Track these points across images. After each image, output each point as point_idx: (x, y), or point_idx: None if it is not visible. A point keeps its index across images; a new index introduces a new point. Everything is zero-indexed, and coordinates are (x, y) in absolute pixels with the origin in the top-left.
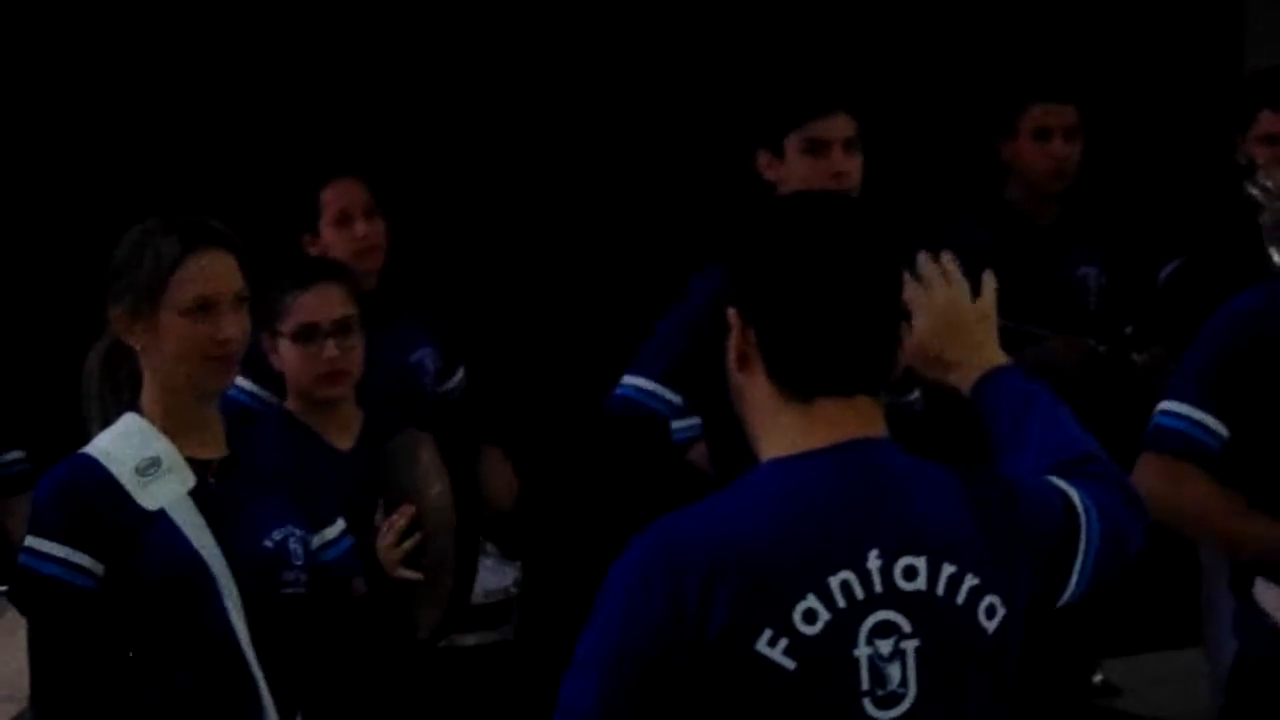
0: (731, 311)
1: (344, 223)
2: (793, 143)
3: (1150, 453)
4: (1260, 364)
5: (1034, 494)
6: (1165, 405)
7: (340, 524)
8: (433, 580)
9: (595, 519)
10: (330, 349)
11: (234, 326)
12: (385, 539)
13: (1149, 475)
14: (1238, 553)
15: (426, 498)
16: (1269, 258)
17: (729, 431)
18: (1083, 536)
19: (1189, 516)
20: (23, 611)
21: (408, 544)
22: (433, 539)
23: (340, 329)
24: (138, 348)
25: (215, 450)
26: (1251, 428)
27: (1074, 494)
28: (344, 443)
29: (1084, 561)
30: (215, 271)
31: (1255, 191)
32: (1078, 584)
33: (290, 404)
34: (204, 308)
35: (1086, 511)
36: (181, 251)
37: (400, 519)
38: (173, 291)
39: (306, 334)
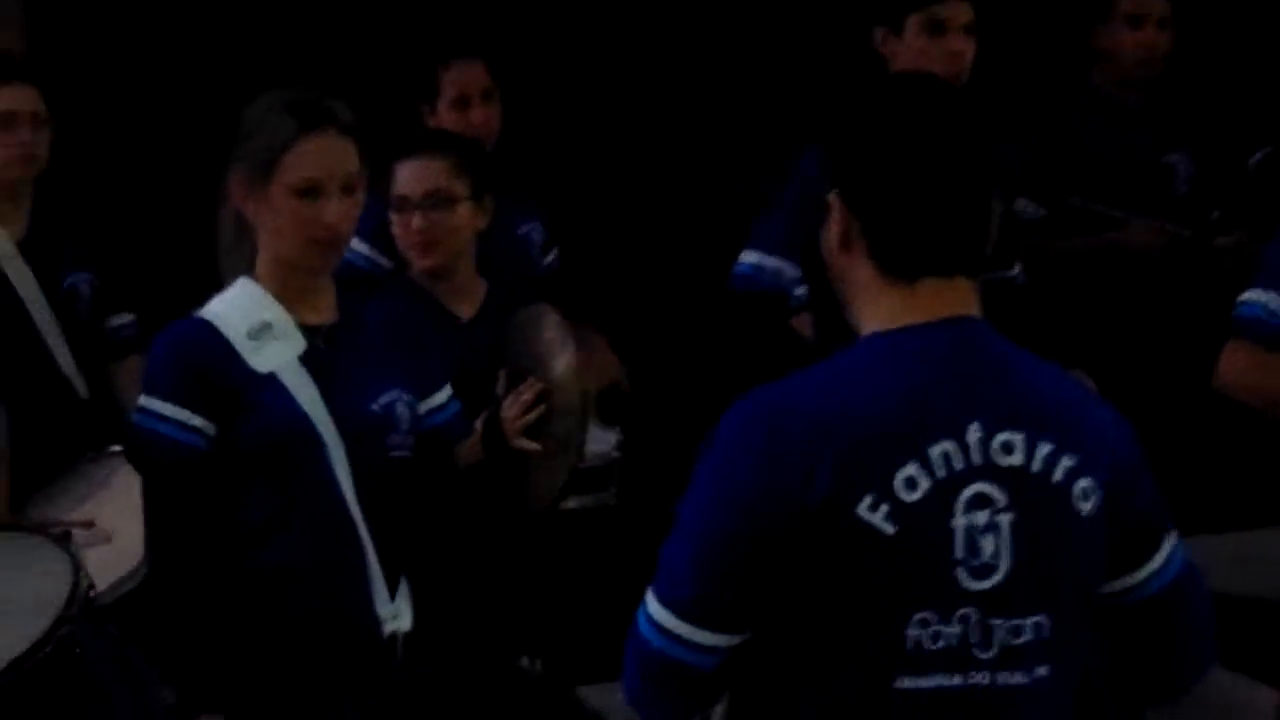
0: (833, 195)
1: (461, 106)
2: (914, 21)
3: (1237, 340)
4: None
5: (1147, 479)
6: (1249, 294)
7: (448, 390)
8: (557, 450)
9: (695, 387)
10: (417, 220)
11: (339, 212)
12: (510, 410)
13: (1236, 362)
14: None
15: (552, 371)
16: None
17: (833, 303)
18: (1162, 551)
19: (1268, 395)
20: (137, 469)
21: (530, 416)
22: (557, 411)
23: (430, 201)
24: (251, 217)
25: (326, 316)
26: None
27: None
28: (466, 311)
29: (1153, 575)
30: (327, 155)
31: None
32: (1133, 588)
33: (413, 272)
34: (312, 190)
35: (1175, 549)
36: (296, 131)
37: (527, 392)
38: (284, 170)
39: (398, 204)
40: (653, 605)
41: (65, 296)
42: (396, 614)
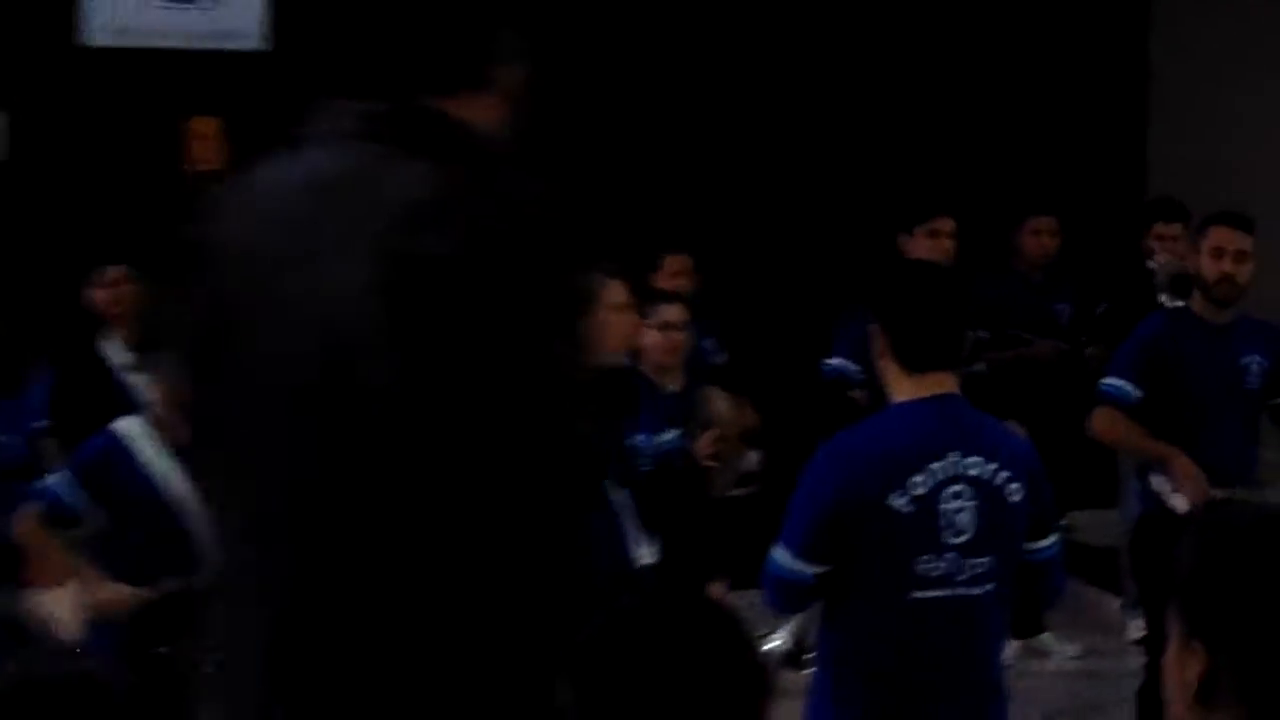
0: (874, 327)
1: (673, 277)
2: (920, 231)
3: (1099, 405)
4: (1157, 357)
5: (1046, 484)
6: (1105, 380)
7: (673, 432)
8: (726, 464)
9: (802, 431)
10: (675, 335)
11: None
12: (701, 445)
13: (1098, 418)
14: (1140, 457)
15: (723, 421)
16: (1160, 301)
17: (877, 385)
18: (1052, 535)
19: (1117, 440)
20: None
21: (712, 449)
22: (726, 443)
23: (681, 325)
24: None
25: None
26: (1152, 391)
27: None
28: (674, 388)
29: (1048, 546)
30: (620, 290)
31: (1152, 265)
32: (1036, 550)
33: (646, 368)
34: (625, 311)
35: (1059, 537)
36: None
37: (712, 434)
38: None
39: (665, 327)
40: (778, 549)
41: None
42: (645, 554)
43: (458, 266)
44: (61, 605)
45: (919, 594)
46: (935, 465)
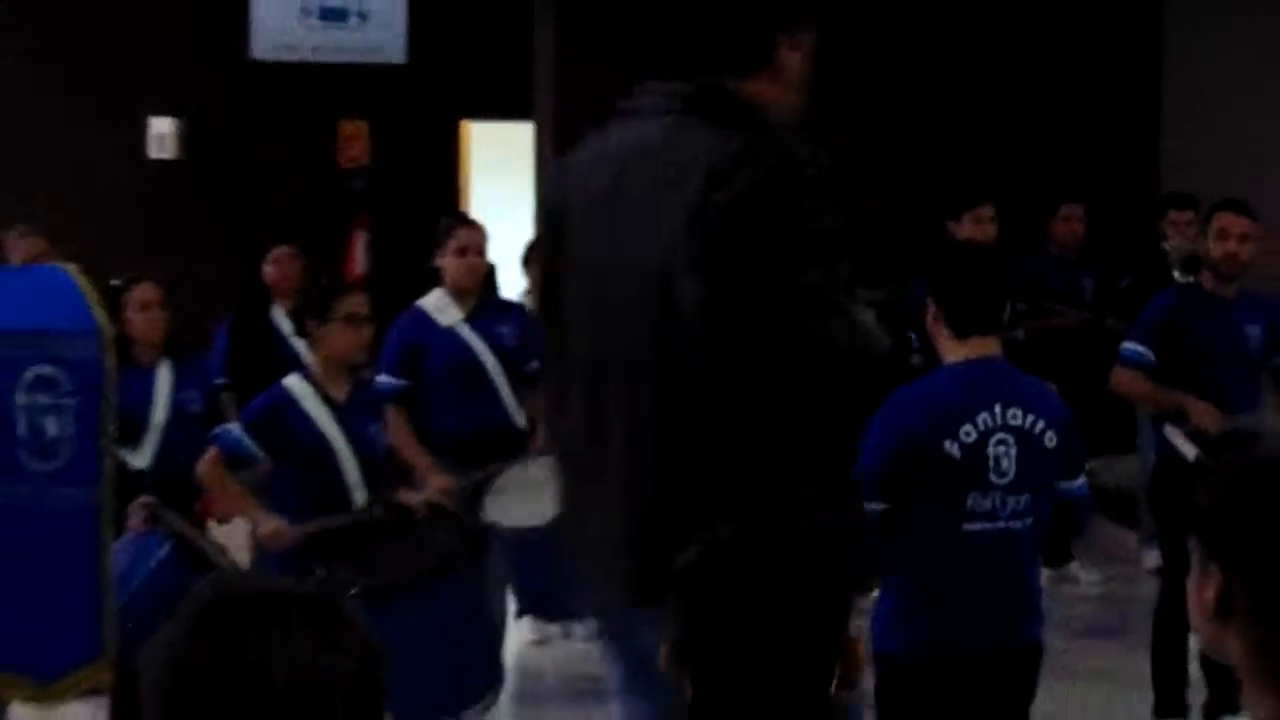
0: (930, 299)
1: None
2: (967, 216)
3: (1119, 366)
4: (1169, 325)
5: (1076, 433)
6: (1125, 344)
7: None
8: None
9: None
10: None
11: None
12: None
13: (1119, 377)
14: (1156, 408)
15: None
16: (1174, 277)
17: (931, 350)
18: (1081, 477)
19: (1135, 394)
20: None
21: None
22: None
23: None
24: None
25: None
26: (1165, 355)
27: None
28: None
29: (1078, 487)
30: None
31: (1166, 247)
32: (1067, 490)
33: None
34: None
35: (1085, 480)
36: None
37: None
38: None
39: None
40: None
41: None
42: None
43: (740, 214)
44: (234, 536)
45: (968, 526)
46: (982, 416)
